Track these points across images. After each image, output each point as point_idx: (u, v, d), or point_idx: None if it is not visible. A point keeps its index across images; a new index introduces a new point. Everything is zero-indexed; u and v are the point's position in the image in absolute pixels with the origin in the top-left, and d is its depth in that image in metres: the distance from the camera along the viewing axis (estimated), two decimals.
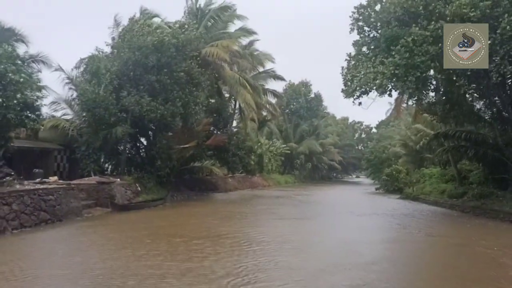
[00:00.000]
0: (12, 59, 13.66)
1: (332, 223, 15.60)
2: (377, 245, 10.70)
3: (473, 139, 19.75)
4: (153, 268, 7.63)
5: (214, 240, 10.77)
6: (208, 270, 7.54)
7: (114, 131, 19.26)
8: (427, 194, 25.98)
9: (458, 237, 12.69)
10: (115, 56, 21.00)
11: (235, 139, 28.54)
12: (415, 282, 7.52)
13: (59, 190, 13.50)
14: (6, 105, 12.98)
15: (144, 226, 13.03)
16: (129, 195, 18.48)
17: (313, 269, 7.97)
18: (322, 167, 62.77)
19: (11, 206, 11.17)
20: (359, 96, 16.66)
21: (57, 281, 6.86)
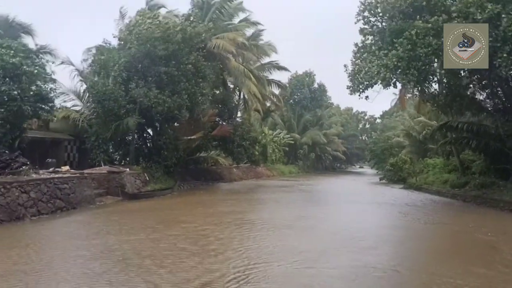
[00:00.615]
0: (26, 52, 14.09)
1: (335, 211, 16.10)
2: (379, 231, 11.18)
3: (475, 130, 20.01)
4: (167, 250, 8.22)
5: (222, 225, 11.33)
6: (216, 252, 8.15)
7: (125, 122, 19.73)
8: (430, 184, 26.35)
9: (458, 224, 13.15)
10: (123, 48, 21.38)
11: (240, 129, 28.97)
12: (414, 263, 7.99)
13: (73, 179, 14.04)
14: (21, 97, 13.45)
15: (155, 214, 13.60)
16: (138, 184, 19.02)
17: (316, 251, 8.47)
18: (326, 157, 63.15)
19: (29, 194, 11.71)
20: (364, 89, 16.99)
21: (80, 260, 7.42)
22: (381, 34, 16.99)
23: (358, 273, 6.93)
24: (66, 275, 6.51)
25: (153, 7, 26.58)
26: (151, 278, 6.34)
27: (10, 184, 11.20)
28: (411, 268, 7.55)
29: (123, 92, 19.77)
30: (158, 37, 19.44)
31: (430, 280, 6.58)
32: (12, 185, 11.22)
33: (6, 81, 13.40)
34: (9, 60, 13.16)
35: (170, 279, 6.33)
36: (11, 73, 13.45)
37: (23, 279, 6.21)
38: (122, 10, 24.44)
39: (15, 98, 13.37)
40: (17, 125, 14.26)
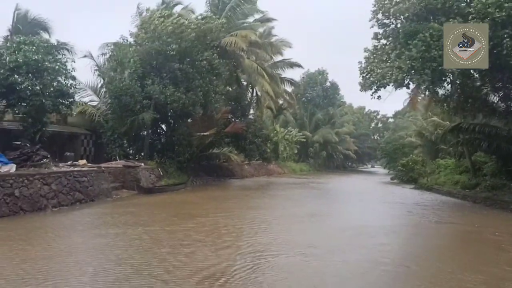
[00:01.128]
0: (48, 48, 14.62)
1: (345, 209, 16.36)
2: (388, 229, 11.42)
3: (487, 132, 20.02)
4: (183, 240, 8.69)
5: (234, 220, 11.77)
6: (228, 243, 8.72)
7: (141, 118, 20.21)
8: (441, 185, 26.36)
9: (466, 224, 13.31)
10: (138, 44, 21.83)
11: (252, 127, 29.27)
12: (422, 260, 8.24)
13: (91, 173, 14.55)
14: (43, 92, 13.98)
15: (170, 207, 14.06)
16: (153, 179, 19.51)
17: (325, 246, 8.84)
18: (337, 156, 63.12)
19: (51, 186, 12.23)
20: (376, 90, 17.14)
21: (101, 247, 7.95)
22: (394, 36, 17.12)
23: (366, 267, 7.24)
24: (90, 260, 7.01)
25: (169, 4, 27.05)
26: (169, 264, 6.82)
27: (33, 176, 11.73)
28: (419, 264, 7.83)
29: (139, 88, 20.24)
30: (169, 33, 19.69)
31: (436, 275, 6.86)
32: (34, 177, 11.74)
33: (29, 76, 13.93)
34: (32, 56, 13.70)
35: (187, 266, 6.77)
36: (34, 69, 13.98)
37: (49, 263, 6.66)
38: (140, 6, 25.02)
39: (37, 93, 13.91)
40: (38, 119, 14.80)
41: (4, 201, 10.42)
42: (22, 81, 13.54)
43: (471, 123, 20.63)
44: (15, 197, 10.78)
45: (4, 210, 10.35)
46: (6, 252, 7.23)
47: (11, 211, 10.53)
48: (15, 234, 8.69)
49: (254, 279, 6.32)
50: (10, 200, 10.62)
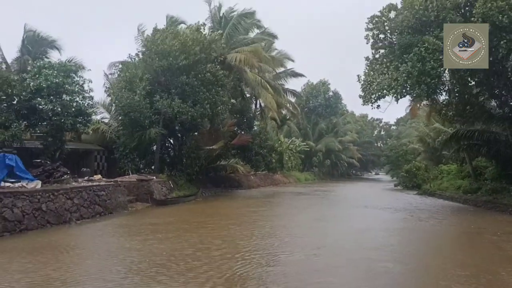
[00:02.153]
0: (67, 71, 15.59)
1: (351, 214, 17.08)
2: (391, 232, 12.15)
3: (486, 137, 20.69)
4: (199, 243, 9.46)
5: (245, 226, 12.68)
6: (240, 245, 9.61)
7: (148, 133, 21.08)
8: (444, 190, 26.99)
9: (466, 226, 14.03)
10: (145, 64, 22.79)
11: (258, 138, 30.11)
12: (423, 259, 8.99)
13: (109, 187, 15.38)
14: (63, 112, 14.90)
15: (183, 217, 14.86)
16: (165, 191, 20.32)
17: (333, 247, 9.63)
18: (341, 164, 63.78)
19: (73, 200, 13.07)
20: (376, 100, 17.89)
21: (126, 252, 8.80)
22: (391, 48, 17.93)
23: (369, 263, 7.99)
24: (117, 262, 7.90)
25: (173, 23, 28.12)
26: (189, 258, 7.82)
27: (58, 191, 12.57)
28: (416, 261, 8.66)
29: (148, 104, 21.14)
30: (177, 49, 20.56)
31: (430, 270, 7.67)
32: (59, 192, 12.58)
33: (50, 98, 14.87)
34: (53, 80, 14.66)
35: (204, 262, 7.72)
36: (54, 91, 14.93)
37: (80, 264, 7.45)
38: (139, 27, 26.15)
39: (58, 114, 14.82)
40: (58, 138, 15.69)
41: (33, 215, 11.24)
42: (45, 103, 14.47)
43: (470, 129, 21.32)
44: (42, 211, 11.61)
45: (33, 223, 11.16)
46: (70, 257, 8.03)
47: (39, 224, 11.35)
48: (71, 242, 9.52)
49: (269, 272, 7.26)
50: (38, 214, 11.45)
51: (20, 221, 10.74)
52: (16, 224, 10.59)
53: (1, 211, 10.27)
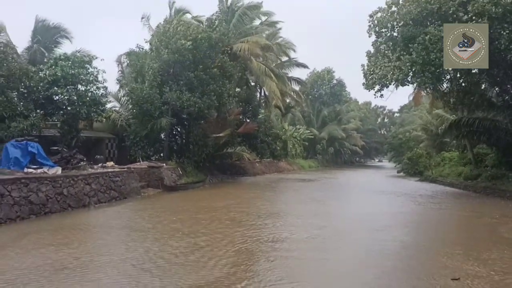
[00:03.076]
0: (82, 63, 16.22)
1: (353, 199, 17.86)
2: (393, 215, 12.93)
3: (487, 125, 21.21)
4: (212, 222, 10.20)
5: (253, 208, 13.33)
6: (251, 225, 10.12)
7: (159, 122, 21.74)
8: (445, 177, 27.63)
9: (463, 210, 14.76)
10: (155, 55, 23.29)
11: (263, 126, 30.71)
12: (422, 239, 9.74)
13: (123, 173, 16.13)
14: (79, 102, 15.58)
15: (194, 202, 15.63)
16: (174, 178, 21.07)
17: (339, 229, 10.36)
18: (344, 151, 64.41)
19: (91, 186, 13.83)
20: (379, 89, 18.42)
21: (145, 230, 9.59)
22: (393, 41, 18.35)
23: (370, 242, 8.71)
24: (137, 238, 8.75)
25: (178, 13, 28.53)
26: (207, 237, 8.54)
27: (77, 177, 13.32)
28: (412, 239, 9.37)
29: (158, 95, 21.75)
30: (186, 47, 21.11)
31: (422, 247, 8.52)
32: (78, 178, 13.33)
33: (66, 89, 15.55)
34: (69, 71, 15.31)
35: (219, 238, 8.49)
36: (70, 81, 15.58)
37: (110, 234, 8.22)
38: (143, 20, 26.70)
39: (74, 103, 15.51)
40: (73, 126, 16.41)
41: (56, 199, 12.01)
42: (61, 93, 15.16)
43: (471, 117, 21.83)
44: (64, 196, 12.38)
45: (56, 207, 11.94)
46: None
47: (61, 207, 12.12)
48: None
49: (273, 247, 8.11)
50: (60, 198, 12.21)
51: (44, 204, 11.51)
52: (41, 207, 11.36)
53: (28, 195, 11.02)
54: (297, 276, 6.36)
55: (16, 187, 10.70)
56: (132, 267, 6.66)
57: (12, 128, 14.52)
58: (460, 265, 6.95)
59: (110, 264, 6.80)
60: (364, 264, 7.16)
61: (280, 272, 6.55)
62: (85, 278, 6.04)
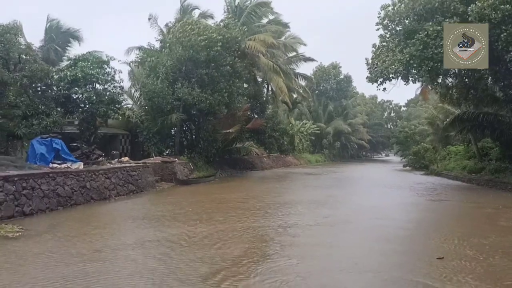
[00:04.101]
0: (100, 63, 17.07)
1: (359, 192, 18.60)
2: (396, 206, 13.67)
3: (490, 119, 21.72)
4: (224, 210, 11.06)
5: (265, 199, 14.17)
6: (262, 214, 10.93)
7: (170, 118, 22.56)
8: (450, 170, 28.18)
9: (465, 201, 15.46)
10: (168, 52, 24.06)
11: (271, 122, 31.45)
12: (416, 225, 10.46)
13: (139, 168, 17.00)
14: (97, 101, 16.45)
15: (207, 194, 16.46)
16: (186, 172, 21.94)
17: (343, 218, 11.17)
18: (351, 146, 64.94)
19: (111, 179, 14.69)
20: (382, 82, 19.00)
21: (170, 219, 10.40)
22: (397, 35, 18.90)
23: (374, 229, 9.47)
24: (159, 225, 9.60)
25: (186, 9, 29.25)
26: (224, 224, 9.36)
27: (98, 171, 14.18)
28: (414, 227, 10.15)
29: (170, 90, 22.54)
30: (200, 44, 21.85)
31: (421, 234, 9.27)
32: (99, 172, 14.20)
33: (86, 88, 16.43)
34: (89, 71, 16.16)
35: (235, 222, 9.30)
36: (89, 81, 16.45)
37: (135, 222, 9.05)
38: (151, 19, 27.51)
39: (93, 102, 16.37)
40: (92, 124, 17.29)
41: (80, 192, 12.88)
42: (81, 92, 16.04)
43: (474, 112, 22.36)
44: (87, 189, 13.24)
45: (81, 199, 12.81)
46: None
47: (85, 199, 12.99)
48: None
49: (287, 233, 8.90)
50: (84, 191, 13.08)
51: (70, 197, 12.37)
52: (67, 200, 12.22)
53: (55, 188, 11.89)
54: (305, 255, 7.16)
55: (45, 181, 11.56)
56: (159, 246, 7.61)
57: (36, 125, 15.42)
58: (453, 248, 7.68)
59: (138, 245, 7.67)
60: (368, 248, 7.88)
61: (291, 251, 7.47)
62: (117, 257, 6.87)
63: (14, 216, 10.05)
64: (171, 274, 5.98)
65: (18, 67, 15.17)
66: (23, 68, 15.20)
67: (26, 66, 15.30)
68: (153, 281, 5.67)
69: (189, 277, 5.84)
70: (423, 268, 6.35)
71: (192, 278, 5.78)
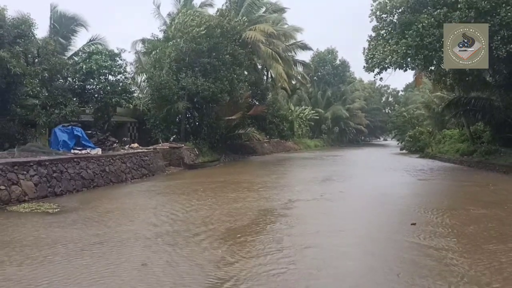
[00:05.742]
0: (112, 56, 18.11)
1: (356, 174, 19.82)
2: (388, 185, 14.92)
3: (481, 104, 22.82)
4: (233, 190, 12.28)
5: (267, 180, 15.38)
6: (268, 191, 12.15)
7: (176, 107, 23.66)
8: (444, 153, 29.41)
9: (453, 180, 16.75)
10: (171, 44, 24.98)
11: (271, 108, 32.53)
12: (407, 200, 11.73)
13: (151, 153, 18.20)
14: (111, 91, 17.55)
15: (215, 176, 17.67)
16: (193, 157, 23.14)
17: (337, 194, 12.50)
18: (349, 131, 66.17)
19: (126, 164, 15.90)
20: (379, 72, 20.06)
21: (185, 192, 11.53)
22: (392, 26, 19.86)
23: (371, 204, 10.72)
24: (187, 198, 10.70)
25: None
26: (234, 201, 10.51)
27: (115, 156, 15.39)
28: (405, 202, 11.39)
29: (175, 81, 23.58)
30: (203, 34, 22.79)
31: (413, 207, 10.45)
32: (116, 157, 15.40)
33: (100, 79, 17.50)
34: (102, 64, 17.22)
35: (244, 198, 10.40)
36: (103, 73, 17.52)
37: (153, 198, 10.27)
38: (154, 9, 28.35)
39: (107, 92, 17.47)
40: (106, 112, 18.41)
41: (100, 175, 14.10)
42: (96, 83, 17.12)
43: (467, 96, 23.48)
44: (106, 172, 14.46)
45: (101, 181, 14.03)
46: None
47: (105, 182, 14.21)
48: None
49: (290, 210, 10.10)
50: (104, 175, 14.30)
51: (92, 179, 13.59)
52: (90, 182, 13.45)
53: (80, 172, 13.10)
54: (306, 223, 8.42)
55: (71, 165, 12.76)
56: (175, 215, 9.00)
57: (55, 115, 16.54)
58: (432, 218, 8.93)
59: (163, 213, 9.06)
60: (363, 220, 9.12)
61: (293, 220, 8.89)
62: (145, 222, 8.13)
63: (47, 196, 11.28)
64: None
65: (37, 60, 16.18)
66: (42, 62, 16.22)
67: (45, 60, 16.32)
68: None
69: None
70: (404, 231, 7.64)
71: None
